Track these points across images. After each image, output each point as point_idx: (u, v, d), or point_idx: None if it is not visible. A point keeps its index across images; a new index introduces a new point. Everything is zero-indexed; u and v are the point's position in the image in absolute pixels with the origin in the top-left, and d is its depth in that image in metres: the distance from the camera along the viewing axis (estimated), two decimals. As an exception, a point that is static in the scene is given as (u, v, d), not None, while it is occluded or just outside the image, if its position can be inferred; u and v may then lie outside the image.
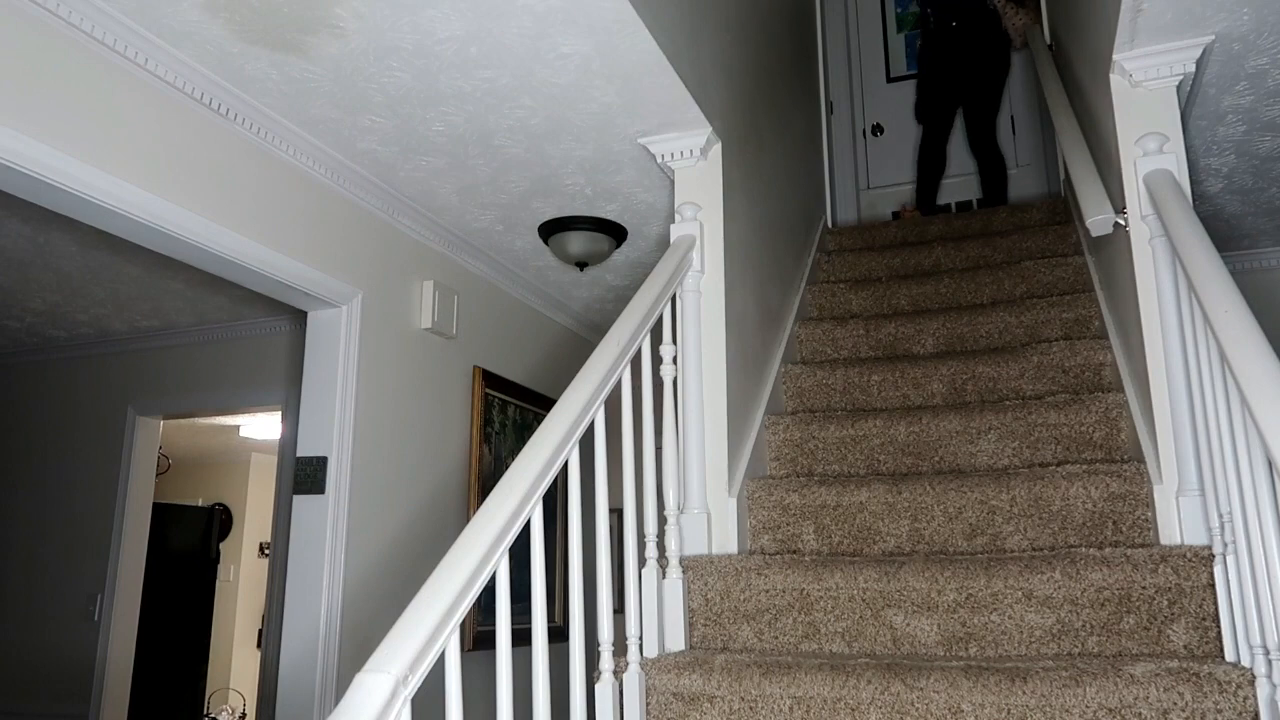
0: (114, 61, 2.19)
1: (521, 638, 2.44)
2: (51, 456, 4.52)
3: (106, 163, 2.15)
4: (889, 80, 5.04)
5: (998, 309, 3.03)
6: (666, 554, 2.18)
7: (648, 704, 1.92)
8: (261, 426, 5.96)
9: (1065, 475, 2.19)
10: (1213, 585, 1.82)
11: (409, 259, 3.27)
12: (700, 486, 2.32)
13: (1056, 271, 3.18)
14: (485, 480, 3.63)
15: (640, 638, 1.96)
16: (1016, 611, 1.93)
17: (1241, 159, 2.88)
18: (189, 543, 6.52)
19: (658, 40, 2.24)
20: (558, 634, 4.07)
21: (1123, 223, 2.28)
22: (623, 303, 4.31)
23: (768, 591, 2.14)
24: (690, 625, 2.19)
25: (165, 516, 6.11)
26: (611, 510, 1.99)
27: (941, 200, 4.68)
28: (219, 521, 6.98)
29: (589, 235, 3.35)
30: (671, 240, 2.48)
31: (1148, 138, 2.20)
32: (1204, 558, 1.83)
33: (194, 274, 3.63)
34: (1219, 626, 1.79)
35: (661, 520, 2.15)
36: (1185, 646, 1.82)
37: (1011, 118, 4.62)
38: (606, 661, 1.84)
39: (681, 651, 2.11)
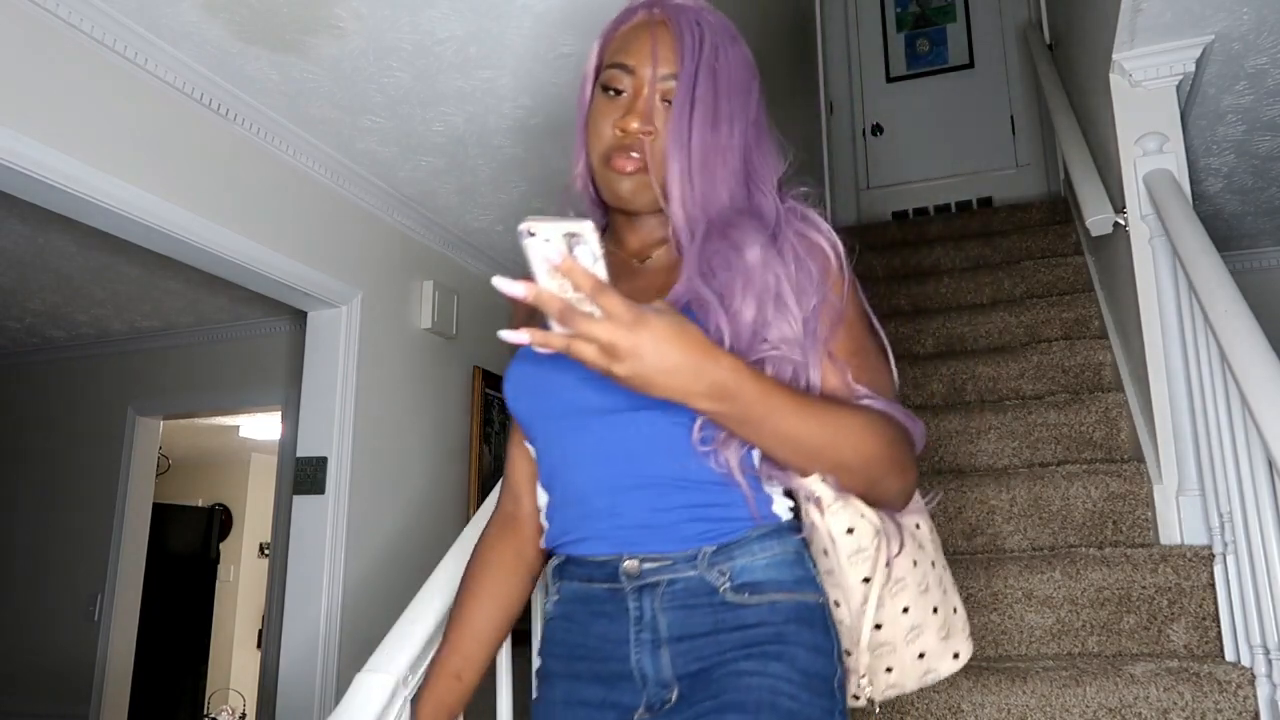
0: (114, 61, 2.18)
1: (521, 638, 2.43)
2: (51, 456, 4.52)
3: (106, 163, 2.15)
4: (889, 80, 5.04)
5: (998, 309, 3.03)
6: (666, 554, 2.17)
7: (648, 704, 1.92)
8: (261, 426, 5.96)
9: (1065, 475, 2.19)
10: (1213, 585, 1.82)
11: (409, 259, 3.27)
12: (700, 486, 2.31)
13: (1056, 271, 3.18)
14: (485, 480, 3.62)
15: (640, 638, 1.95)
16: (1016, 611, 1.93)
17: (1241, 159, 2.88)
18: (189, 543, 6.52)
19: (657, 40, 2.23)
20: (558, 634, 4.06)
21: (1122, 222, 2.28)
22: (623, 303, 4.30)
23: (768, 591, 2.14)
24: (690, 625, 2.18)
25: (165, 516, 6.11)
26: (611, 510, 1.96)
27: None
28: (219, 522, 6.97)
29: (589, 235, 3.34)
30: (671, 240, 2.48)
31: (1147, 137, 2.20)
32: (1204, 557, 1.83)
33: (194, 274, 3.62)
34: (1219, 626, 1.79)
35: (661, 520, 2.14)
36: (1185, 646, 1.82)
37: (1011, 118, 4.62)
38: (606, 661, 1.83)
39: (681, 651, 2.10)
